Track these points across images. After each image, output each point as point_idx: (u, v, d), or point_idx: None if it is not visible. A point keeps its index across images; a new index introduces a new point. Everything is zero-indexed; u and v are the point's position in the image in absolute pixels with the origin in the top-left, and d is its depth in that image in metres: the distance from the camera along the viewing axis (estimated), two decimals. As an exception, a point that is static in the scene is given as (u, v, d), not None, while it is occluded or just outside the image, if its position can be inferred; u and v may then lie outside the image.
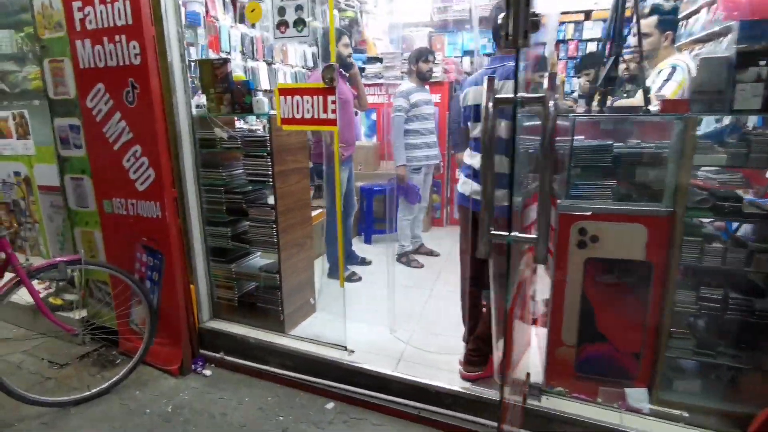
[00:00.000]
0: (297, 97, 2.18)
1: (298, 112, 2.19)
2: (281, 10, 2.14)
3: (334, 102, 2.11)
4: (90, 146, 2.45)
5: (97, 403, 2.26)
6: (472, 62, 5.61)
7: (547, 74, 0.91)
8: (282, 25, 2.15)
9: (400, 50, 4.86)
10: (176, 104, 2.35)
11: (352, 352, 2.38)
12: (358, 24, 4.78)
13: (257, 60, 3.57)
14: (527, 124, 1.44)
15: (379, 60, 4.63)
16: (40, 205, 3.16)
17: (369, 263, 3.74)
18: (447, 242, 4.37)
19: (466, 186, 2.05)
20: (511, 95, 0.94)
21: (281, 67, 3.90)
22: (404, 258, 3.74)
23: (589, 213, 1.77)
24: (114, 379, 2.34)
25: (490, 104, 0.95)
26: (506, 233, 1.01)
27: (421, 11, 5.66)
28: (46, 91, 2.51)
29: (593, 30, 5.35)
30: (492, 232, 1.02)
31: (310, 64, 4.37)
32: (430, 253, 3.92)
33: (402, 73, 4.56)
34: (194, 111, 2.47)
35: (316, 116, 2.16)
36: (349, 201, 3.44)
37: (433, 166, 3.72)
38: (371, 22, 4.93)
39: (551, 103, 0.90)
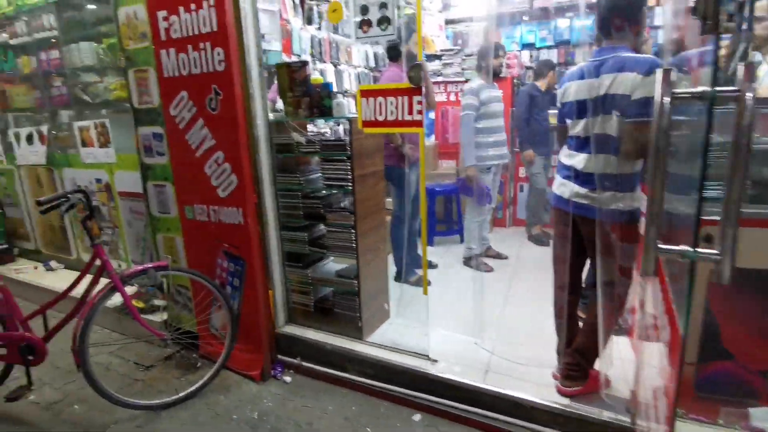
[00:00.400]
0: (380, 99, 2.11)
1: (380, 114, 2.12)
2: (364, 9, 2.07)
3: (420, 103, 2.02)
4: (173, 153, 2.48)
5: (185, 407, 2.29)
6: (531, 56, 5.38)
7: (742, 63, 0.78)
8: (365, 24, 2.08)
9: (458, 47, 4.72)
10: (254, 109, 2.34)
11: (436, 361, 2.29)
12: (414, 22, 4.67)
13: (325, 62, 3.55)
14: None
15: (438, 57, 4.51)
16: (120, 211, 3.26)
17: (435, 266, 3.64)
18: (512, 244, 4.21)
19: (564, 188, 1.91)
20: (696, 89, 0.81)
21: (346, 68, 3.87)
22: (472, 261, 3.61)
23: (717, 218, 1.58)
24: (199, 383, 2.36)
25: (666, 99, 0.82)
26: (688, 248, 0.88)
27: (477, 5, 5.49)
28: (131, 101, 2.57)
29: (664, 16, 4.97)
30: (661, 246, 0.89)
31: (372, 64, 4.32)
32: (498, 256, 3.78)
33: (463, 69, 4.44)
34: (271, 116, 2.46)
35: (400, 118, 2.08)
36: (416, 203, 3.35)
37: (501, 166, 3.57)
38: (427, 19, 4.82)
39: (749, 96, 0.76)
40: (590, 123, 1.76)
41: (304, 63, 2.31)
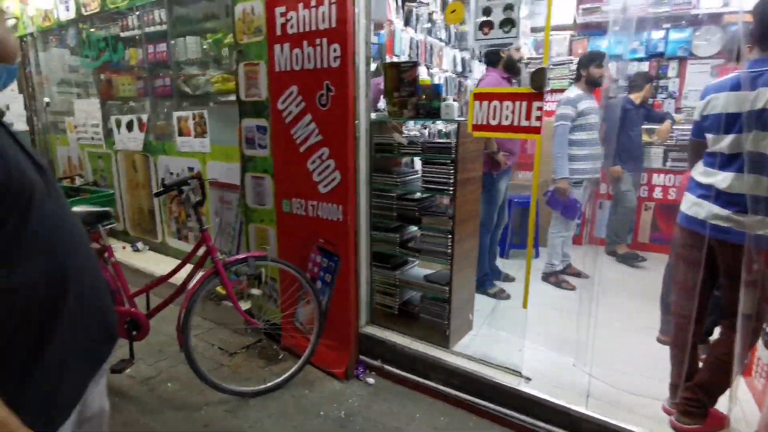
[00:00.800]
0: (495, 103, 2.04)
1: (494, 119, 2.06)
2: (486, 10, 2.02)
3: (540, 108, 1.94)
4: (276, 147, 2.53)
5: (272, 397, 2.31)
6: (618, 68, 5.12)
7: None
8: (486, 26, 2.03)
9: (542, 55, 4.58)
10: (358, 108, 2.34)
11: (529, 379, 2.18)
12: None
13: (420, 64, 3.53)
14: None
15: (524, 65, 4.38)
16: (209, 199, 3.38)
17: (512, 280, 3.51)
18: (591, 263, 3.99)
19: (699, 208, 1.76)
20: None
21: (436, 72, 3.85)
22: (553, 278, 3.46)
23: None
24: (285, 375, 2.38)
25: None
26: None
27: (563, 13, 5.31)
28: (238, 93, 2.64)
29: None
30: None
31: (459, 69, 4.28)
32: (579, 275, 3.59)
33: (549, 78, 4.29)
34: (372, 115, 2.45)
35: (516, 123, 2.00)
36: (502, 213, 3.26)
37: (593, 181, 3.40)
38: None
39: None
40: (742, 139, 1.61)
41: (415, 63, 2.29)
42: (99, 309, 0.95)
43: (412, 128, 3.19)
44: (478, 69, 4.81)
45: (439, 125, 3.72)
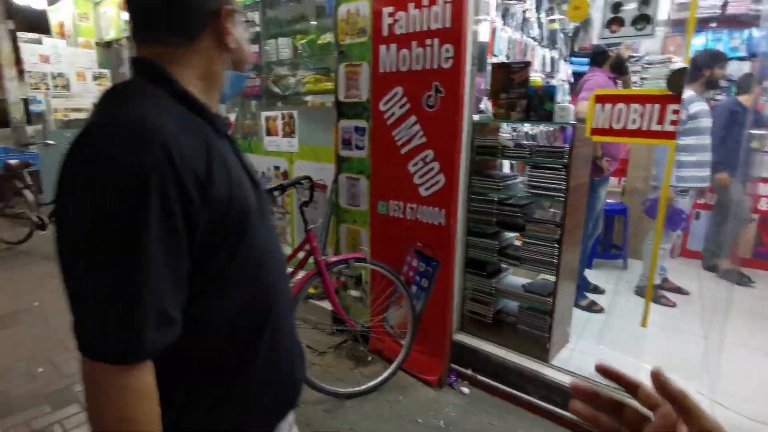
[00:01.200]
0: (620, 105, 1.91)
1: (618, 122, 1.93)
2: (616, 6, 1.90)
3: (676, 112, 1.79)
4: (374, 148, 2.51)
5: (366, 399, 2.30)
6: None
7: None
8: (614, 23, 1.91)
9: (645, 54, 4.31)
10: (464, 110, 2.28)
11: (645, 403, 2.03)
12: (590, 24, 4.35)
13: (531, 65, 3.41)
14: None
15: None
16: (294, 198, 3.43)
17: (602, 292, 3.32)
18: (686, 277, 3.71)
19: None
20: None
21: (529, 73, 3.72)
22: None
23: None
24: (379, 378, 2.36)
25: None
26: None
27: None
28: (336, 94, 2.65)
29: None
30: None
31: (548, 69, 4.12)
32: (679, 291, 3.34)
33: (642, 79, 4.03)
34: (475, 117, 2.38)
35: (645, 127, 1.87)
36: (597, 222, 3.08)
37: (699, 190, 3.15)
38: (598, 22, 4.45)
39: None
40: None
41: (527, 64, 2.19)
42: (292, 346, 0.86)
43: (504, 131, 3.09)
44: (564, 69, 4.61)
45: (526, 127, 3.59)
